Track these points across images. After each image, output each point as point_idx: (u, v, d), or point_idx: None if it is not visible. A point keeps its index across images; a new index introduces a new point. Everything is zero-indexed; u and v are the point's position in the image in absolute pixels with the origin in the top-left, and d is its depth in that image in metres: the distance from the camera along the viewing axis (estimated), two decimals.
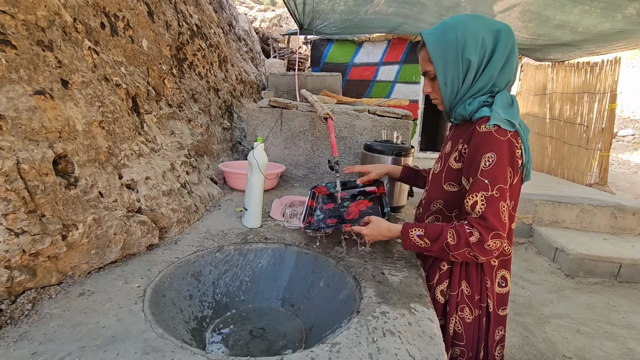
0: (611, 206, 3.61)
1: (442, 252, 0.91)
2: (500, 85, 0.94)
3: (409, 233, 0.96)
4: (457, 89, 0.95)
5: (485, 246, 0.84)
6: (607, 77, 4.83)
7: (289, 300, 1.10)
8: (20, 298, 0.74)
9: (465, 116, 0.97)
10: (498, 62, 0.91)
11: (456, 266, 1.00)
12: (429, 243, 0.92)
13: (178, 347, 0.67)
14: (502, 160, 0.86)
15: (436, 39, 0.93)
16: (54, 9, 0.93)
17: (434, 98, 1.03)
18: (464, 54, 0.90)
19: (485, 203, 0.85)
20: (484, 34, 0.90)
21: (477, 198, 0.86)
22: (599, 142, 4.91)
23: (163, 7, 1.71)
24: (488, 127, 0.87)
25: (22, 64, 0.81)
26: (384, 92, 5.55)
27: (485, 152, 0.87)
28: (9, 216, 0.71)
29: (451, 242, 0.88)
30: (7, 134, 0.74)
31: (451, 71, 0.93)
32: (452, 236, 0.88)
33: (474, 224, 0.86)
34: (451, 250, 0.88)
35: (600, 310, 2.62)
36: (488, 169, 0.86)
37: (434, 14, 3.53)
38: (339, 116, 1.97)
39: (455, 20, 0.93)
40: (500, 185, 0.85)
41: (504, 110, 0.89)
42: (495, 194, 0.85)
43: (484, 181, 0.86)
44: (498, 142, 0.86)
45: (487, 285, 0.99)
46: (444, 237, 0.89)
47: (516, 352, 2.10)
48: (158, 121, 1.43)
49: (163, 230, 1.15)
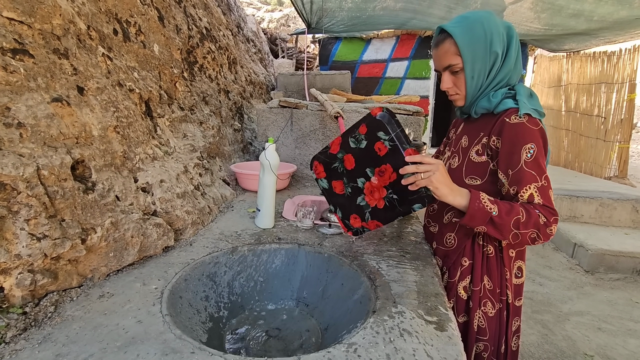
0: (632, 200, 3.50)
1: (505, 227, 0.85)
2: (514, 78, 0.98)
3: (480, 195, 0.88)
4: (482, 81, 0.96)
5: (548, 230, 0.85)
6: (625, 66, 4.68)
7: (303, 300, 1.10)
8: (43, 301, 0.76)
9: (489, 108, 0.97)
10: (513, 56, 0.94)
11: (477, 261, 1.01)
12: (497, 212, 0.85)
13: (196, 348, 0.68)
14: (540, 150, 0.88)
15: (464, 31, 0.93)
16: (68, 18, 0.95)
17: (454, 93, 1.01)
18: (492, 47, 0.92)
19: (540, 194, 0.87)
20: (501, 29, 0.94)
21: (532, 190, 0.87)
22: (618, 134, 4.77)
23: (173, 12, 1.73)
24: (519, 118, 0.89)
25: (40, 72, 0.83)
26: (394, 88, 5.51)
27: (525, 143, 0.88)
28: (30, 221, 0.73)
29: (522, 220, 0.84)
30: (27, 141, 0.76)
31: (479, 64, 0.94)
32: (523, 214, 0.84)
33: (538, 208, 0.86)
34: (520, 228, 0.84)
35: (622, 307, 2.54)
36: (531, 160, 0.87)
37: (443, 8, 3.48)
38: (349, 114, 1.96)
39: (476, 15, 0.94)
40: (546, 174, 0.88)
41: (528, 100, 0.92)
42: (544, 183, 0.88)
43: (532, 173, 0.87)
44: (533, 133, 0.88)
45: (506, 277, 1.01)
46: (516, 212, 0.84)
47: (535, 350, 2.06)
48: (171, 124, 1.45)
49: (178, 232, 1.17)
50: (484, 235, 1.01)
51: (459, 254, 1.05)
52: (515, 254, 1.03)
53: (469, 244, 1.03)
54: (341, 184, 1.05)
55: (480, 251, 1.02)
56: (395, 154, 0.90)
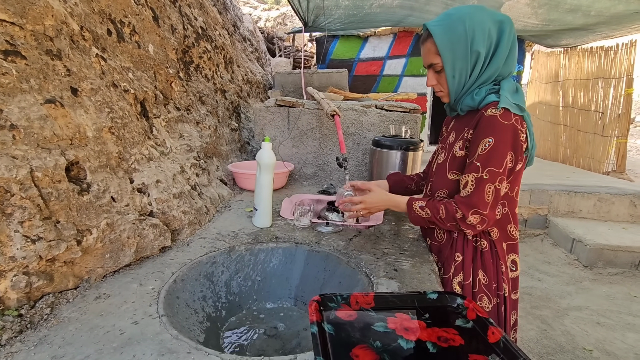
0: (630, 194, 3.50)
1: (436, 224, 1.01)
2: (504, 75, 0.96)
3: (412, 204, 1.04)
4: (464, 80, 0.95)
5: (468, 222, 0.94)
6: (622, 61, 4.68)
7: (301, 298, 1.10)
8: (39, 303, 0.76)
9: (473, 106, 0.97)
10: (503, 53, 0.92)
11: (468, 256, 1.02)
12: (429, 214, 1.00)
13: (193, 348, 0.68)
14: (501, 144, 0.89)
15: (444, 31, 0.92)
16: (61, 18, 0.95)
17: (439, 90, 1.03)
18: (473, 46, 0.90)
19: (475, 184, 0.93)
20: (489, 25, 0.90)
21: (469, 179, 0.94)
22: (616, 129, 4.77)
23: (168, 11, 1.72)
24: (494, 111, 0.90)
25: (32, 74, 0.83)
26: (391, 86, 5.50)
27: (485, 137, 0.91)
28: (25, 223, 0.73)
29: (443, 216, 0.98)
30: (20, 143, 0.76)
31: (460, 63, 0.93)
32: (443, 212, 0.98)
33: (457, 203, 0.95)
34: (445, 222, 0.98)
35: (620, 302, 2.55)
36: (484, 153, 0.91)
37: (440, 4, 3.47)
38: (346, 112, 1.96)
39: (460, 11, 0.92)
40: (491, 168, 0.90)
41: (511, 95, 0.91)
42: (485, 176, 0.91)
43: (477, 164, 0.92)
44: (500, 127, 0.89)
45: (502, 271, 1.01)
46: (436, 211, 0.99)
47: (534, 345, 2.07)
48: (167, 125, 1.45)
49: (175, 232, 1.16)
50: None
51: (452, 249, 1.06)
52: (507, 248, 1.03)
53: (460, 239, 1.04)
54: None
55: (471, 246, 1.02)
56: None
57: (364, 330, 0.68)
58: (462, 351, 0.64)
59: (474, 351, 0.64)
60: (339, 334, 0.66)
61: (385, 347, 0.63)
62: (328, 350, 0.61)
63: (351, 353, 0.61)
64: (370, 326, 0.69)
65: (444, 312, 0.74)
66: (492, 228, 1.01)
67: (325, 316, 0.70)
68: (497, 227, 1.01)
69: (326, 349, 0.60)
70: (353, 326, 0.69)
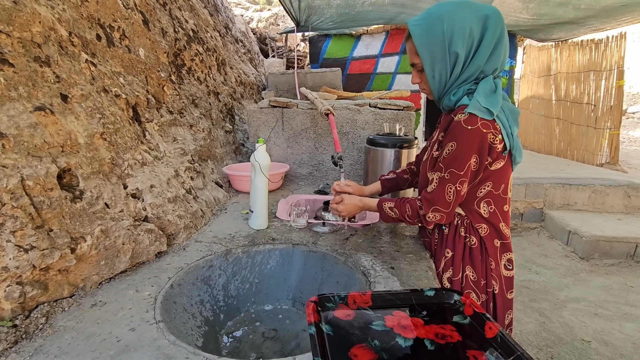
0: (624, 185, 3.53)
1: (405, 220, 1.07)
2: (487, 72, 0.93)
3: (382, 205, 1.10)
4: (445, 80, 0.95)
5: (427, 218, 0.99)
6: (613, 53, 4.71)
7: (299, 299, 1.10)
8: (34, 312, 0.76)
9: (450, 106, 0.98)
10: (486, 50, 0.89)
11: (458, 252, 1.02)
12: (398, 214, 1.06)
13: (191, 352, 0.67)
14: (463, 149, 0.91)
15: (422, 32, 0.91)
16: (48, 25, 0.94)
17: (422, 89, 1.03)
18: (451, 47, 0.89)
19: (437, 183, 0.97)
20: (471, 24, 0.87)
21: (434, 176, 0.98)
22: (608, 121, 4.81)
23: (158, 15, 1.71)
24: (460, 117, 0.91)
25: (21, 82, 0.82)
26: (385, 84, 5.50)
27: (449, 141, 0.93)
28: (17, 233, 0.72)
29: (409, 213, 1.04)
30: (10, 151, 0.75)
31: (439, 64, 0.92)
32: (409, 209, 1.04)
33: (422, 198, 1.01)
34: (411, 218, 1.04)
35: (617, 292, 2.57)
36: (448, 156, 0.94)
37: (431, 0, 3.48)
38: (340, 111, 1.96)
39: (441, 9, 0.89)
40: (453, 170, 0.94)
41: (485, 98, 0.90)
42: (446, 177, 0.95)
43: (441, 165, 0.97)
44: (463, 132, 0.90)
45: (491, 268, 1.01)
46: (404, 208, 1.05)
47: (533, 338, 2.08)
48: (160, 129, 1.44)
49: (171, 237, 1.16)
50: (465, 227, 1.01)
51: (442, 245, 1.06)
52: (500, 246, 1.02)
53: (451, 235, 1.04)
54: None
55: (462, 242, 1.02)
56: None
57: (362, 330, 0.68)
58: (460, 347, 0.64)
59: (471, 347, 0.64)
60: (337, 334, 0.66)
61: (383, 345, 0.64)
62: (326, 351, 0.61)
63: (350, 353, 0.61)
64: (368, 325, 0.69)
65: (441, 308, 0.74)
66: (480, 224, 1.00)
67: (323, 316, 0.70)
68: (486, 224, 1.00)
69: (324, 350, 0.61)
70: (351, 326, 0.69)
